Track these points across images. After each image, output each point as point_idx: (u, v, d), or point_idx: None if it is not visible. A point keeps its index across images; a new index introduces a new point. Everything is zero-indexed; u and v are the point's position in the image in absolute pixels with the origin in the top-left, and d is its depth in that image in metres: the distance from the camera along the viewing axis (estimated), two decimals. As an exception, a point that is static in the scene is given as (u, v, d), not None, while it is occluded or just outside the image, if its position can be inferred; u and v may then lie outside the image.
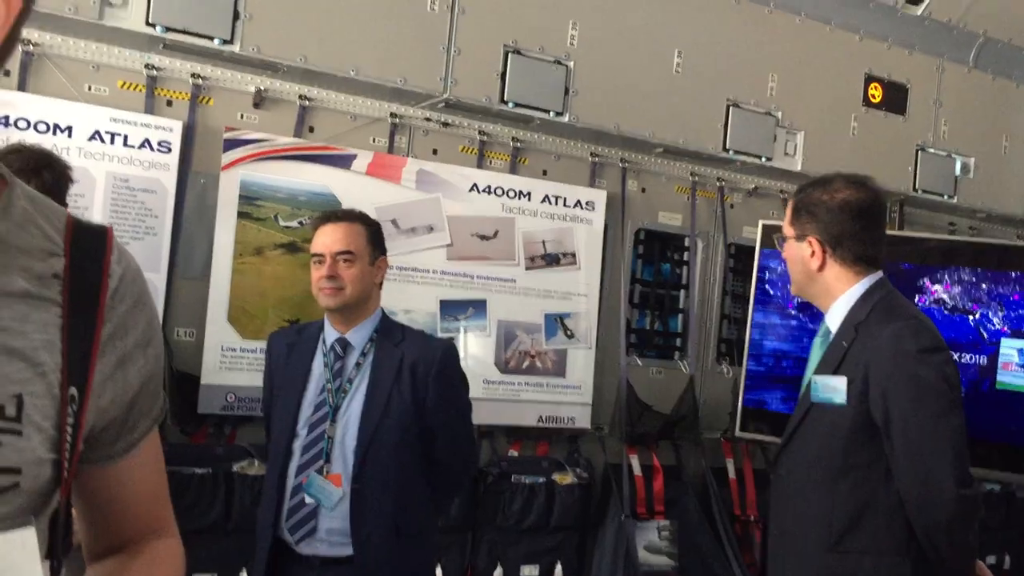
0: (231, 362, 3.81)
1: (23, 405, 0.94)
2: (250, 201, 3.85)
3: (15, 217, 0.99)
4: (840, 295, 2.47)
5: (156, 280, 3.62)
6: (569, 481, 4.40)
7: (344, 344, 2.85)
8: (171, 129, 3.70)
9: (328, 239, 2.83)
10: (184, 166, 3.74)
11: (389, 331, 2.90)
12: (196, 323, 3.79)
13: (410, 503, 2.82)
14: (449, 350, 2.96)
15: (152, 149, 3.66)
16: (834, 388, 2.38)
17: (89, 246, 1.04)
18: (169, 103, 3.78)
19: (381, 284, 2.94)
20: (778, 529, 2.57)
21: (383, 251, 2.93)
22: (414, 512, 2.84)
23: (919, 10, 5.14)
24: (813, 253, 2.48)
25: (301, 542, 2.76)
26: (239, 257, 3.82)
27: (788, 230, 2.55)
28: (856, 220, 2.45)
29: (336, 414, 2.79)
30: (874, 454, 2.35)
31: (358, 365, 2.83)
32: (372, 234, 2.89)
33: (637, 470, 4.60)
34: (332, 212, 3.03)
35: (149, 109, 3.71)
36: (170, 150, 3.69)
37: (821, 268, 2.48)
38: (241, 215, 3.83)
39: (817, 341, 2.58)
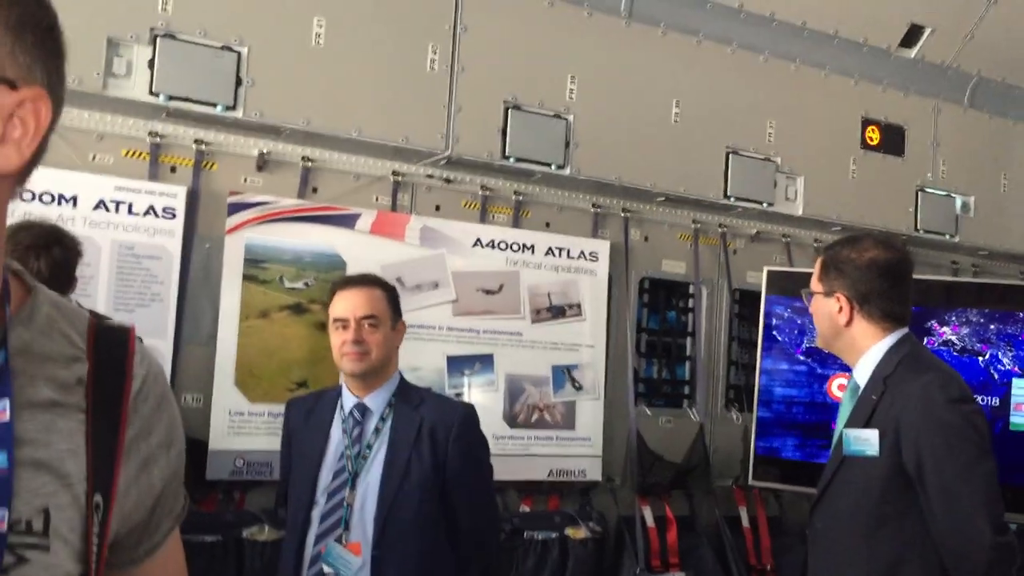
0: (239, 426, 3.77)
1: (50, 519, 0.92)
2: (255, 264, 3.84)
3: (39, 324, 0.98)
4: (867, 350, 2.52)
5: (162, 347, 3.59)
6: (582, 535, 4.33)
7: (362, 409, 2.81)
8: (175, 195, 3.70)
9: (351, 304, 2.80)
10: (189, 231, 3.74)
11: (407, 394, 2.86)
12: (203, 388, 3.76)
13: (432, 569, 2.76)
14: (469, 413, 2.92)
15: (157, 216, 3.65)
16: (865, 440, 2.40)
17: (112, 349, 1.03)
18: (173, 169, 3.78)
19: (398, 348, 2.92)
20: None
21: (400, 315, 2.91)
22: (436, 578, 2.79)
23: (912, 53, 5.20)
24: (841, 309, 2.53)
25: (321, 614, 2.70)
26: (245, 320, 3.80)
27: (816, 286, 2.61)
28: (884, 279, 2.50)
29: (355, 480, 2.74)
30: (908, 505, 2.35)
31: (377, 430, 2.78)
32: (391, 298, 2.88)
33: (650, 521, 4.54)
34: (352, 277, 3.01)
35: (153, 176, 3.71)
36: (175, 216, 3.69)
37: (848, 324, 2.53)
38: (246, 278, 3.82)
39: (846, 395, 2.61)
